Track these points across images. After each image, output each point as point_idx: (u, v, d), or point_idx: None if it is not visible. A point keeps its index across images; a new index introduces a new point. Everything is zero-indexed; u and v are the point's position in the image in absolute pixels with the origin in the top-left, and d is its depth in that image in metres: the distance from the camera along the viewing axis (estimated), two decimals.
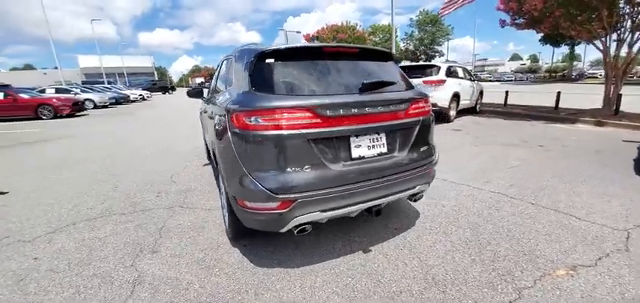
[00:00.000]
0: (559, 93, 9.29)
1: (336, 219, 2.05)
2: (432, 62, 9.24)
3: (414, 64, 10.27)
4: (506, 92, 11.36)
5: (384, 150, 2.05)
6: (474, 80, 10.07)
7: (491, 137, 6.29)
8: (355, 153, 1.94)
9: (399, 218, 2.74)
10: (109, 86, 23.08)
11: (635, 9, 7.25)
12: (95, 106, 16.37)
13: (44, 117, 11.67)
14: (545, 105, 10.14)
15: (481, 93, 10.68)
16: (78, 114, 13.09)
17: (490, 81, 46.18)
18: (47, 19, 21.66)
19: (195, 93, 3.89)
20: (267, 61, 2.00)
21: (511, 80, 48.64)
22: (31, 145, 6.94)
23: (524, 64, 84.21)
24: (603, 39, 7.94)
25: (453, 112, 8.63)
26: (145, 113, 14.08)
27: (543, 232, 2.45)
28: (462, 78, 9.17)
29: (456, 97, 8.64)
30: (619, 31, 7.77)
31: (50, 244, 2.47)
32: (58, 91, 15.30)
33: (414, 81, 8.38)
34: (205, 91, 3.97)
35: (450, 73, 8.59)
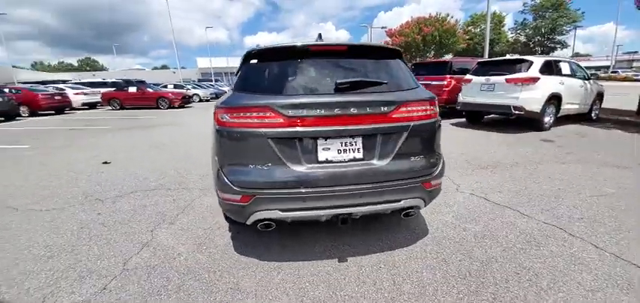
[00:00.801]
0: None
1: (329, 221, 2.03)
2: (525, 57, 7.58)
3: (494, 59, 8.69)
4: None
5: (359, 155, 1.89)
6: (587, 79, 7.89)
7: (592, 154, 4.85)
8: (322, 156, 1.86)
9: (400, 233, 2.47)
10: (213, 83, 27.67)
11: None
12: (200, 100, 19.92)
13: (162, 107, 14.94)
14: None
15: (599, 96, 8.28)
16: (186, 105, 16.22)
17: (637, 80, 34.91)
18: (173, 29, 28.02)
19: None
20: (252, 61, 2.10)
21: None
22: (145, 128, 9.00)
23: None
24: None
25: (547, 119, 6.98)
26: None
27: (589, 286, 1.81)
28: (567, 75, 7.30)
29: (554, 99, 6.96)
30: None
31: (113, 205, 3.21)
32: (175, 87, 19.24)
33: (495, 79, 7.27)
34: None
35: (548, 69, 6.94)
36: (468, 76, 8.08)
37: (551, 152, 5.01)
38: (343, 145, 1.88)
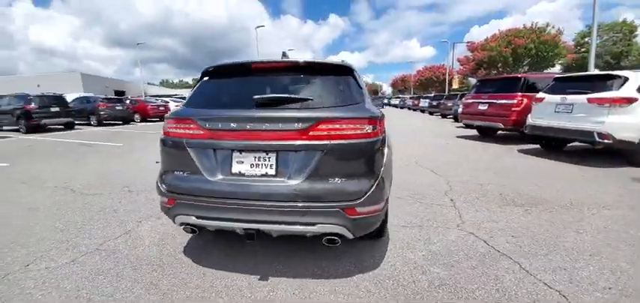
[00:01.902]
0: None
1: (285, 237, 2.19)
2: (618, 72, 5.88)
3: (575, 74, 6.95)
4: None
5: (272, 172, 1.85)
6: None
7: None
8: (235, 168, 1.89)
9: (342, 264, 2.24)
10: None
11: None
12: None
13: None
14: None
15: None
16: None
17: None
18: (258, 53, 31.68)
19: None
20: (204, 78, 2.30)
21: None
22: None
23: None
24: None
25: None
26: None
27: None
28: None
29: None
30: None
31: (135, 196, 3.86)
32: None
33: (573, 98, 5.90)
34: None
35: None
36: (539, 95, 6.75)
37: (636, 196, 3.73)
38: (256, 159, 1.87)
